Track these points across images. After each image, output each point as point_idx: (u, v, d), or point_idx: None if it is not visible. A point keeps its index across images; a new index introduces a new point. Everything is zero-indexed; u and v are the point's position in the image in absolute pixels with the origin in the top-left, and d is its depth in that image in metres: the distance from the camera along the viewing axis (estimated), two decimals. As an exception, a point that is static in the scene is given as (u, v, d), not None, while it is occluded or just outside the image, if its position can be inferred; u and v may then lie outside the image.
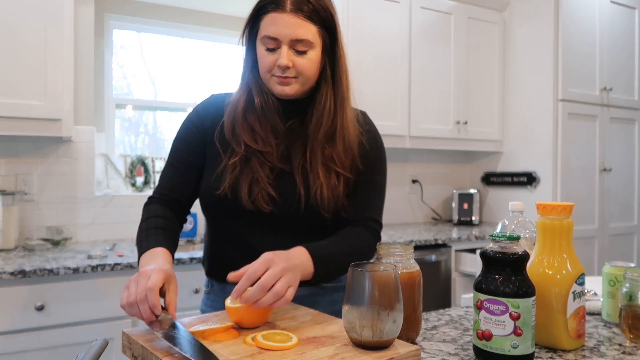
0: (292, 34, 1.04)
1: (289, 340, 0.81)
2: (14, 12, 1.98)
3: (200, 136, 1.16)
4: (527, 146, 3.23)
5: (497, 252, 0.84)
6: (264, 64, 1.07)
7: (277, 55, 1.05)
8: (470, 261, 2.73)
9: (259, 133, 1.10)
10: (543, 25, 3.11)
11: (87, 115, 2.45)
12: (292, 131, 1.14)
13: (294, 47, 1.05)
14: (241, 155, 1.10)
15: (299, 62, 1.06)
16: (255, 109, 1.11)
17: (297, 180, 1.10)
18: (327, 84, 1.12)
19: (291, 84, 1.08)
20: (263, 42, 1.07)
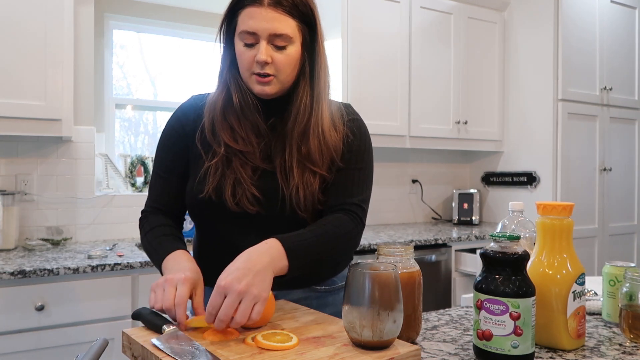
0: (271, 29, 1.01)
1: (289, 340, 0.81)
2: (14, 12, 1.98)
3: (182, 141, 1.14)
4: (527, 146, 3.23)
5: (497, 252, 0.84)
6: (243, 61, 1.05)
7: (255, 51, 1.02)
8: (470, 261, 2.73)
9: (239, 133, 1.08)
10: (543, 25, 3.11)
11: (87, 115, 2.45)
12: (274, 130, 1.11)
13: (273, 42, 1.02)
14: (222, 156, 1.07)
15: (278, 58, 1.03)
16: (235, 108, 1.09)
17: (279, 180, 1.08)
18: (305, 80, 1.09)
19: (271, 84, 1.05)
20: (241, 38, 1.04)
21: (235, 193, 1.06)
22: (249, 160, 1.08)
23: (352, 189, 1.12)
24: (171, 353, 0.75)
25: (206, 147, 1.11)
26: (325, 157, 1.10)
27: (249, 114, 1.09)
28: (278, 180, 1.08)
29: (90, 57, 2.44)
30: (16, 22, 1.98)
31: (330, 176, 1.11)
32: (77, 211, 2.42)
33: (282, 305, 1.04)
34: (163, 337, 0.82)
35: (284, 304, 1.05)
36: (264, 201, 1.08)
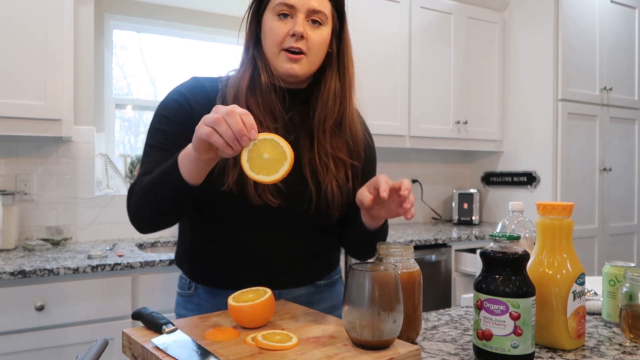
0: (309, 4, 1.00)
1: (289, 340, 0.81)
2: (14, 12, 1.98)
3: (189, 119, 1.02)
4: (527, 146, 3.23)
5: (497, 252, 0.84)
6: (275, 34, 1.01)
7: (290, 24, 1.00)
8: (470, 261, 2.73)
9: (257, 114, 1.01)
10: (543, 25, 3.11)
11: (87, 115, 2.45)
12: (293, 124, 1.08)
13: (310, 17, 1.01)
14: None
15: (312, 36, 1.02)
16: (261, 88, 1.04)
17: (307, 177, 1.05)
18: (332, 70, 1.08)
19: (301, 62, 1.02)
20: (275, 11, 1.01)
21: (258, 184, 1.00)
22: None
23: None
24: (171, 353, 0.75)
25: None
26: (356, 146, 1.11)
27: (270, 97, 1.04)
28: (305, 175, 1.05)
29: (90, 57, 2.44)
30: (16, 22, 1.98)
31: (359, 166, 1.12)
32: (77, 211, 2.42)
33: (282, 305, 1.04)
34: (163, 337, 0.82)
35: (284, 304, 1.05)
36: (287, 194, 1.04)
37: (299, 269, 1.12)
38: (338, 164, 1.08)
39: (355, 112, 1.13)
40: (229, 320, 0.92)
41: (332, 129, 1.07)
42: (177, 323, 0.89)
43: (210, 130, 0.80)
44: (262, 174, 0.82)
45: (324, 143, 1.07)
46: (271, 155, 0.82)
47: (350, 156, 1.10)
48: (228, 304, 0.90)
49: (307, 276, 1.15)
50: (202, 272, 1.13)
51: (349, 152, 1.10)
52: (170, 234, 2.63)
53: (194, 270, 1.14)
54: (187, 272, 1.16)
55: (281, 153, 0.82)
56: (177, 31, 2.91)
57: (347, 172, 1.09)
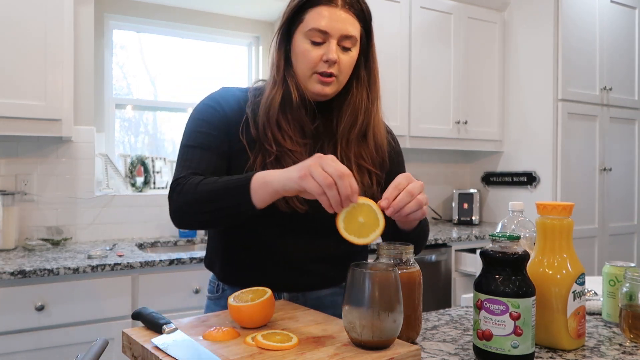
0: (343, 30, 1.03)
1: (289, 340, 0.81)
2: (14, 12, 1.98)
3: (225, 123, 1.07)
4: (527, 146, 3.23)
5: (497, 252, 0.84)
6: (309, 59, 1.04)
7: (323, 50, 1.03)
8: (470, 261, 2.73)
9: (287, 131, 1.06)
10: (543, 25, 3.11)
11: (87, 115, 2.44)
12: (318, 132, 1.12)
13: (341, 43, 1.04)
14: (271, 154, 1.05)
15: (343, 60, 1.05)
16: (292, 107, 1.07)
17: None
18: (360, 83, 1.11)
19: (331, 84, 1.06)
20: (309, 36, 1.04)
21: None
22: (298, 159, 1.06)
23: None
24: (171, 353, 0.75)
25: (251, 142, 1.07)
26: (379, 157, 1.13)
27: (301, 114, 1.08)
28: None
29: (90, 57, 2.44)
30: (16, 22, 1.98)
31: (382, 175, 1.14)
32: (77, 211, 2.42)
33: (282, 305, 1.04)
34: (163, 337, 0.82)
35: (284, 304, 1.05)
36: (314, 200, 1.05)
37: (325, 271, 1.14)
38: (362, 170, 1.10)
39: (381, 122, 1.15)
40: (229, 320, 0.92)
41: (356, 139, 1.11)
42: (177, 323, 0.89)
43: (321, 191, 0.85)
44: (353, 235, 0.89)
45: (347, 151, 1.10)
46: (365, 220, 0.89)
47: (374, 165, 1.12)
48: (228, 304, 0.90)
49: (334, 277, 1.16)
50: (232, 273, 1.15)
51: (373, 161, 1.12)
52: (170, 234, 2.63)
53: (224, 272, 1.16)
54: (218, 272, 1.18)
55: (375, 219, 0.89)
56: (177, 31, 2.91)
57: (372, 178, 1.12)
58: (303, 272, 1.12)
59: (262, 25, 3.07)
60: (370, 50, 1.13)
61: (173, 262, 1.99)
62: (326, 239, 1.10)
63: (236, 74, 3.12)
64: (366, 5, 1.09)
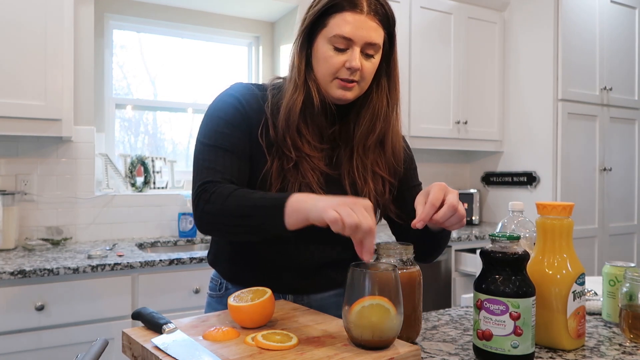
0: (367, 37, 1.01)
1: (289, 340, 0.81)
2: (14, 12, 1.98)
3: (247, 124, 1.05)
4: (527, 146, 3.23)
5: (497, 252, 0.84)
6: (331, 65, 1.02)
7: (346, 57, 1.02)
8: (470, 261, 2.73)
9: (305, 136, 1.05)
10: (543, 25, 3.11)
11: (87, 115, 2.45)
12: (335, 137, 1.11)
13: (365, 50, 1.03)
14: (289, 159, 1.04)
15: (366, 66, 1.04)
16: (313, 111, 1.05)
17: (346, 187, 1.08)
18: (380, 89, 1.10)
19: (353, 89, 1.05)
20: (332, 42, 1.02)
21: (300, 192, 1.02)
22: (316, 165, 1.06)
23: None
24: (171, 353, 0.75)
25: (269, 145, 1.05)
26: (395, 164, 1.13)
27: (320, 119, 1.07)
28: (345, 187, 1.08)
29: (90, 57, 2.44)
30: (16, 23, 1.98)
31: (395, 183, 1.13)
32: (77, 211, 2.42)
33: (282, 305, 1.04)
34: (163, 337, 0.82)
35: (284, 304, 1.05)
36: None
37: (332, 274, 1.14)
38: (377, 177, 1.10)
39: (399, 130, 1.14)
40: (229, 320, 0.92)
41: (374, 145, 1.10)
42: (177, 323, 0.89)
43: (352, 232, 0.85)
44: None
45: (363, 158, 1.09)
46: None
47: (389, 173, 1.12)
48: (228, 304, 0.90)
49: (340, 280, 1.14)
50: (238, 274, 1.15)
51: (389, 168, 1.12)
52: (170, 234, 2.63)
53: (231, 271, 1.16)
54: (223, 271, 1.17)
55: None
56: (177, 31, 2.91)
57: (385, 187, 1.11)
58: (310, 276, 1.12)
59: (262, 25, 3.07)
60: (392, 55, 1.11)
61: (173, 262, 1.99)
62: (334, 244, 1.09)
63: (236, 74, 3.12)
64: (391, 10, 1.07)
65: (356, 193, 1.08)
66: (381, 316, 0.78)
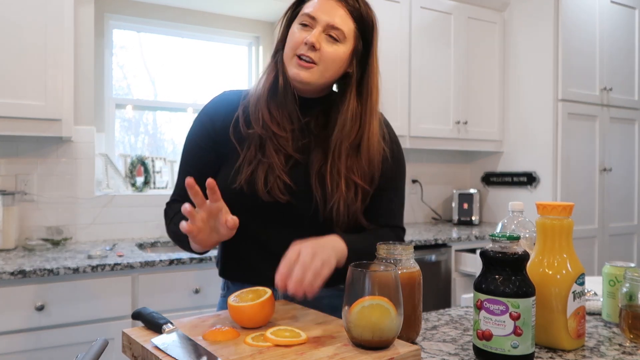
0: (330, 19, 1.05)
1: (298, 336, 0.81)
2: (14, 12, 1.98)
3: (211, 140, 1.14)
4: (527, 146, 3.23)
5: (497, 252, 0.84)
6: (293, 40, 1.07)
7: (307, 34, 1.05)
8: (470, 261, 2.73)
9: (275, 116, 1.09)
10: (543, 25, 3.11)
11: (87, 115, 2.45)
12: (309, 130, 1.13)
13: (327, 32, 1.06)
14: (257, 139, 1.08)
15: (326, 49, 1.05)
16: (278, 90, 1.10)
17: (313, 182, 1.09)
18: (352, 93, 1.11)
19: (310, 70, 1.06)
20: (299, 20, 1.08)
21: (267, 181, 1.07)
22: (281, 146, 1.09)
23: (395, 210, 1.18)
24: (171, 353, 0.75)
25: (240, 140, 1.11)
26: (370, 172, 1.12)
27: (288, 99, 1.10)
28: (310, 176, 1.09)
29: (90, 57, 2.44)
30: (16, 22, 1.98)
31: (369, 190, 1.12)
32: (77, 211, 2.42)
33: (282, 305, 1.04)
34: (163, 337, 0.82)
35: (284, 304, 1.05)
36: (296, 190, 1.08)
37: None
38: (349, 184, 1.09)
39: (375, 136, 1.13)
40: (229, 320, 0.92)
41: (348, 150, 1.10)
42: (177, 323, 0.89)
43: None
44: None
45: (338, 163, 1.09)
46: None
47: (363, 179, 1.11)
48: (228, 304, 0.90)
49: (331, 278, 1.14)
50: (230, 270, 1.20)
51: (363, 175, 1.11)
52: (170, 234, 2.63)
53: (223, 269, 1.21)
54: (221, 268, 1.22)
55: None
56: (177, 31, 2.91)
57: (357, 193, 1.11)
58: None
59: (262, 25, 3.07)
60: (369, 59, 1.12)
61: (173, 262, 1.99)
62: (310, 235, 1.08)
63: (236, 74, 3.12)
64: (368, 12, 1.10)
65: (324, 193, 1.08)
66: (381, 316, 0.78)
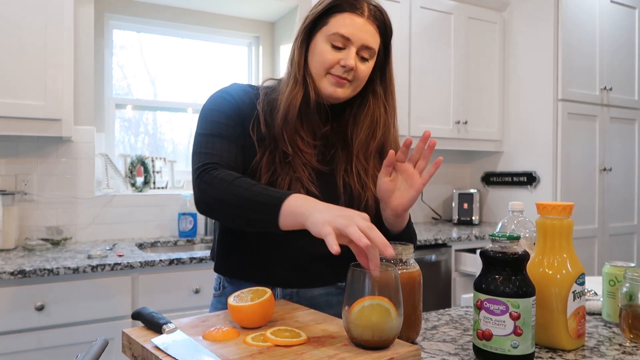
0: (365, 40, 1.05)
1: (298, 336, 0.81)
2: (14, 12, 1.98)
3: (238, 114, 1.08)
4: (527, 146, 3.23)
5: (497, 252, 0.84)
6: (326, 60, 1.06)
7: (342, 55, 1.05)
8: (470, 261, 2.73)
9: (300, 132, 1.09)
10: (543, 25, 3.11)
11: (87, 115, 2.45)
12: (327, 136, 1.14)
13: (360, 52, 1.07)
14: (281, 153, 1.07)
15: (360, 68, 1.07)
16: (309, 108, 1.09)
17: (339, 185, 1.10)
18: (377, 98, 1.13)
19: (345, 87, 1.08)
20: (330, 39, 1.06)
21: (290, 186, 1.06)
22: (307, 160, 1.09)
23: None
24: (171, 353, 0.75)
25: (260, 140, 1.08)
26: None
27: (315, 116, 1.11)
28: (337, 184, 1.11)
29: (90, 57, 2.44)
30: (16, 22, 1.98)
31: None
32: (77, 211, 2.42)
33: (282, 305, 1.04)
34: (163, 337, 0.82)
35: (284, 303, 1.05)
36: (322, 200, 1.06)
37: (321, 269, 1.14)
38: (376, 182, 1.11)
39: (397, 138, 1.18)
40: (229, 320, 0.92)
41: (374, 152, 1.13)
42: (177, 323, 0.89)
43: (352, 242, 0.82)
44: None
45: (365, 164, 1.13)
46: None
47: None
48: (228, 304, 0.90)
49: (329, 277, 1.16)
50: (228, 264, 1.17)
51: None
52: (170, 234, 2.63)
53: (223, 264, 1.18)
54: (218, 265, 1.19)
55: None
56: (177, 31, 2.91)
57: None
58: (299, 269, 1.12)
59: (262, 25, 3.07)
60: (387, 66, 1.14)
61: (173, 262, 1.99)
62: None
63: (236, 74, 3.12)
64: (389, 21, 1.11)
65: (351, 194, 1.10)
66: (381, 316, 0.78)
